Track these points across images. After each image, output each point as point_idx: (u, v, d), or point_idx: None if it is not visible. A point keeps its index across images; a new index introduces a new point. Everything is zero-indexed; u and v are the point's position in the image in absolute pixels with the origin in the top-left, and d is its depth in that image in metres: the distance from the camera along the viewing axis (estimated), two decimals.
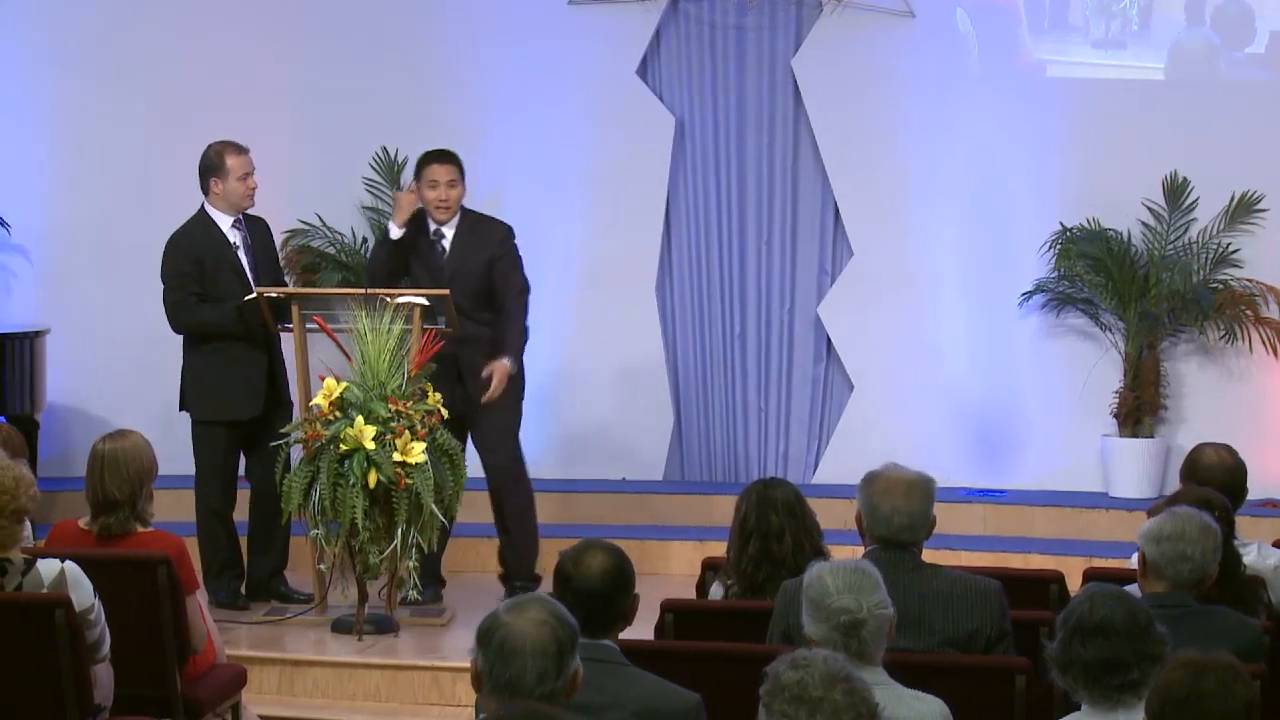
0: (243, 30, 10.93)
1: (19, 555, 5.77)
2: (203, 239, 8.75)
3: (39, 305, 10.91)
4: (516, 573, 8.90)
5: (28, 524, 6.13)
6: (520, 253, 8.85)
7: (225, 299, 8.66)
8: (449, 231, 8.77)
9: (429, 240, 8.78)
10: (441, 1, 10.99)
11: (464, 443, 8.37)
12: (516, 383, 8.87)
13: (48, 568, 5.76)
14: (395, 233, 8.69)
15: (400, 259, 8.74)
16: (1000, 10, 10.66)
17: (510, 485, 8.84)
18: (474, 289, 8.72)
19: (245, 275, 8.73)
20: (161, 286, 8.74)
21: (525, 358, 8.93)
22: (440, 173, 8.73)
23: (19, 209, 10.90)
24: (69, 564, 5.80)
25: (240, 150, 8.76)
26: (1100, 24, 10.70)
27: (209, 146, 8.81)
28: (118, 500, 6.43)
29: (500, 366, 8.63)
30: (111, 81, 10.90)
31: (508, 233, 8.85)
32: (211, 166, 8.75)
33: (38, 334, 10.15)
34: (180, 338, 8.78)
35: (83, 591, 5.77)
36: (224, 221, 8.77)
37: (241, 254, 8.77)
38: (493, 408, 8.69)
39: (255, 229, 8.87)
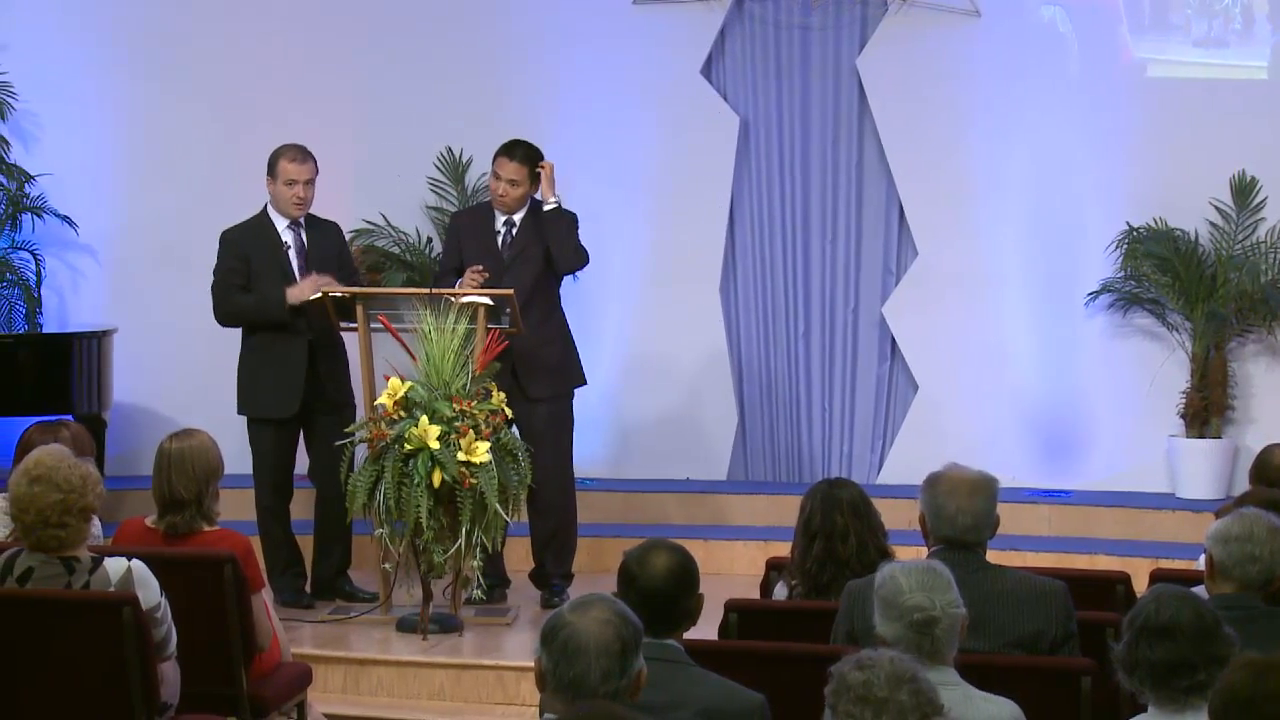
0: (308, 31, 10.98)
1: (86, 553, 5.81)
2: (255, 237, 8.78)
3: (106, 305, 10.98)
4: (555, 571, 8.92)
5: (96, 522, 6.18)
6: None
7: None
8: (519, 221, 8.82)
9: (493, 230, 8.83)
10: (506, 1, 11.01)
11: None
12: (568, 381, 8.91)
13: (115, 566, 5.79)
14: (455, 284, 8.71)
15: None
16: (1097, 9, 10.56)
17: (555, 484, 8.83)
18: (535, 274, 8.74)
19: (293, 277, 8.74)
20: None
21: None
22: (503, 167, 8.78)
23: (87, 209, 10.97)
24: (136, 562, 5.83)
25: (297, 158, 8.74)
26: (1202, 23, 10.59)
27: (280, 145, 8.84)
28: (184, 499, 6.46)
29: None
30: (177, 82, 10.96)
31: (572, 217, 8.88)
32: (268, 166, 8.78)
33: (105, 333, 10.21)
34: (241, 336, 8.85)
35: (149, 590, 5.80)
36: (280, 222, 8.80)
37: (292, 255, 8.78)
38: (546, 415, 8.73)
39: (317, 232, 8.87)
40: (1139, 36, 10.59)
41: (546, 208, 8.75)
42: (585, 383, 9.06)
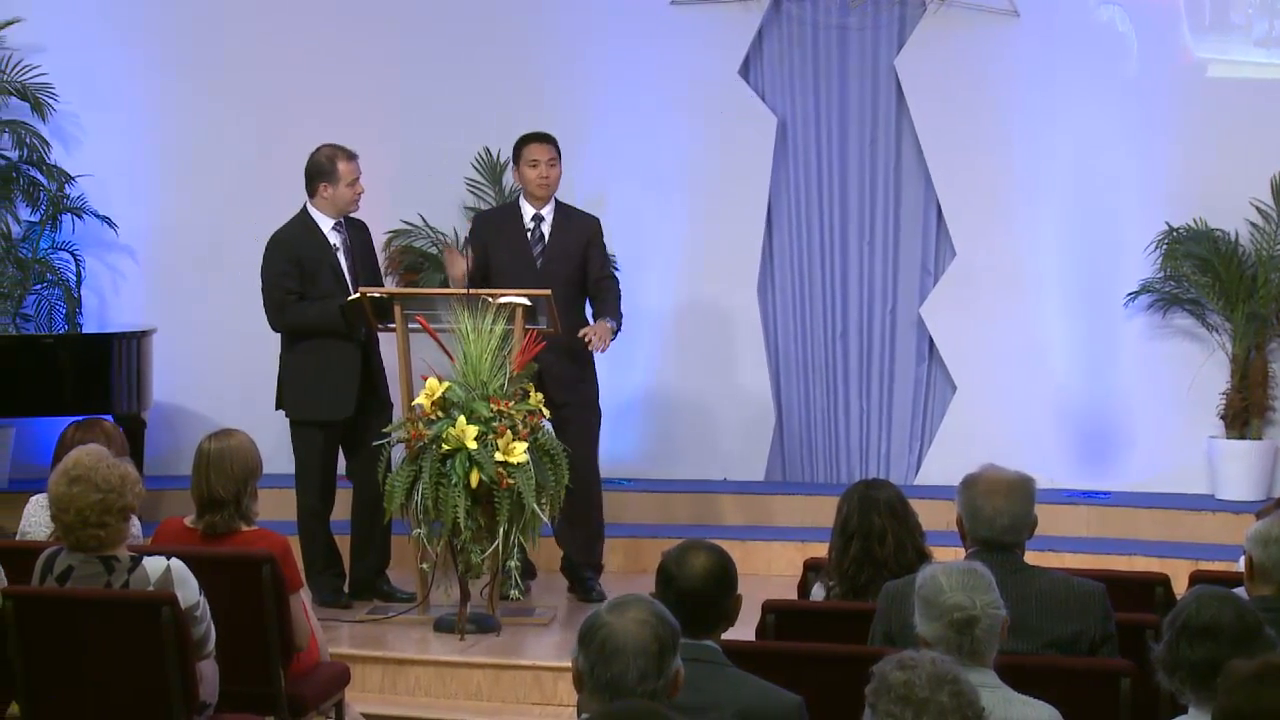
0: (345, 32, 10.99)
1: (125, 553, 5.83)
2: (303, 240, 8.80)
3: (146, 305, 11.01)
4: (585, 562, 8.97)
5: (136, 522, 6.19)
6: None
7: (323, 299, 8.72)
8: (548, 216, 8.87)
9: (521, 228, 8.88)
10: (544, 2, 11.02)
11: None
12: (593, 383, 8.93)
13: (154, 565, 5.80)
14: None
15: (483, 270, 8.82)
16: (1156, 9, 10.49)
17: (581, 477, 8.81)
18: (568, 275, 8.82)
19: (344, 277, 8.78)
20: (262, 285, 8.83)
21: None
22: (540, 151, 8.88)
23: (127, 209, 11.01)
24: (175, 561, 5.84)
25: (350, 156, 8.81)
26: (1263, 22, 10.50)
27: (319, 149, 8.86)
28: (223, 498, 6.47)
29: (601, 324, 8.75)
30: (217, 84, 11.00)
31: (599, 224, 9.02)
32: (322, 171, 8.80)
33: (144, 333, 10.22)
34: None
35: (188, 589, 5.82)
36: (325, 223, 8.83)
37: (341, 255, 8.82)
38: (574, 409, 8.74)
39: (355, 231, 8.92)
40: (1200, 37, 10.51)
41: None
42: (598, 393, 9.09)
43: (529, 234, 8.90)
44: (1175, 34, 10.49)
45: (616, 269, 9.17)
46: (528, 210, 8.93)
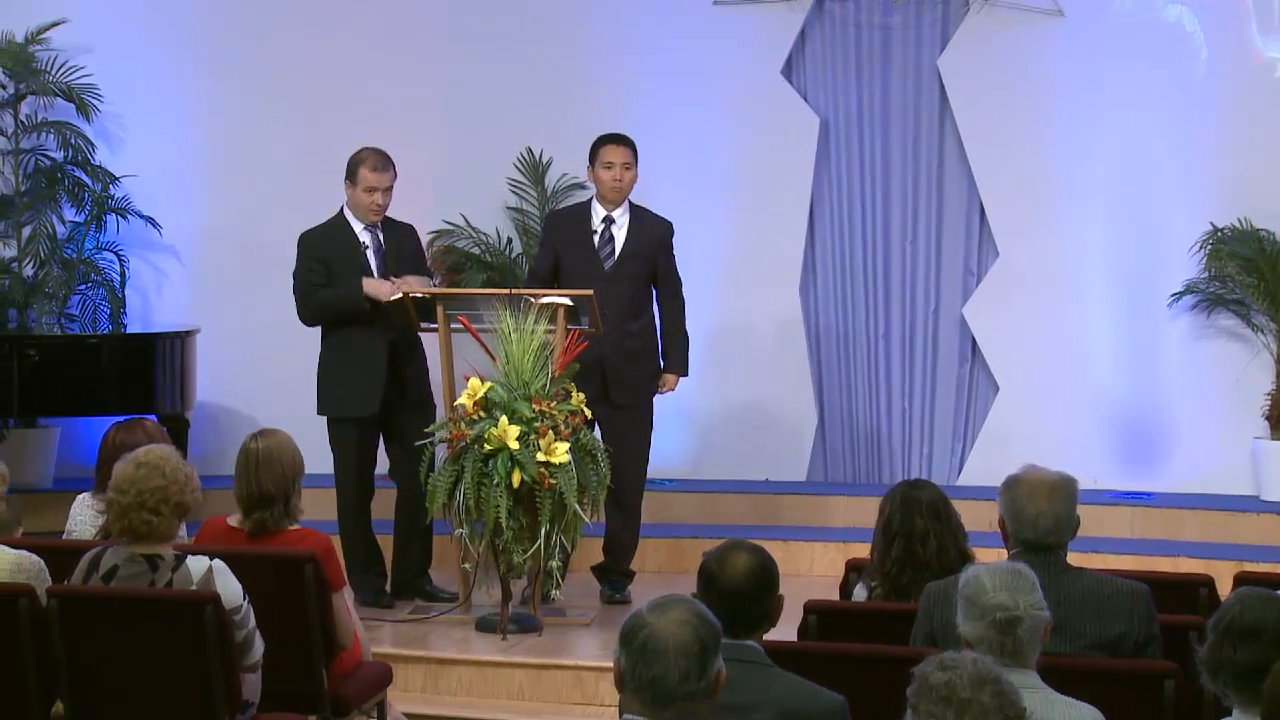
0: (388, 32, 11.02)
1: (170, 551, 5.85)
2: (333, 238, 8.82)
3: (189, 305, 11.05)
4: (618, 568, 9.02)
5: (181, 525, 6.22)
6: None
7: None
8: (621, 219, 8.90)
9: (589, 229, 8.89)
10: (586, 3, 11.02)
11: None
12: (652, 392, 8.98)
13: (197, 565, 5.83)
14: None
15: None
16: (1222, 8, 10.41)
17: (633, 485, 8.86)
18: (638, 277, 8.86)
19: (372, 276, 8.76)
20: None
21: None
22: (616, 154, 8.87)
23: (170, 210, 11.05)
24: (217, 562, 5.86)
25: (378, 166, 8.73)
26: None
27: (359, 150, 8.85)
28: (273, 495, 6.48)
29: (673, 383, 8.98)
30: (259, 85, 11.03)
31: (671, 229, 9.02)
32: (349, 170, 8.81)
33: (188, 333, 10.27)
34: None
35: (230, 590, 5.84)
36: (358, 224, 8.84)
37: (370, 255, 8.81)
38: (630, 419, 8.75)
39: (393, 233, 8.89)
40: (1270, 37, 10.38)
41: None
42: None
43: (597, 236, 8.89)
44: (1244, 34, 10.42)
45: None
46: (598, 212, 8.93)
